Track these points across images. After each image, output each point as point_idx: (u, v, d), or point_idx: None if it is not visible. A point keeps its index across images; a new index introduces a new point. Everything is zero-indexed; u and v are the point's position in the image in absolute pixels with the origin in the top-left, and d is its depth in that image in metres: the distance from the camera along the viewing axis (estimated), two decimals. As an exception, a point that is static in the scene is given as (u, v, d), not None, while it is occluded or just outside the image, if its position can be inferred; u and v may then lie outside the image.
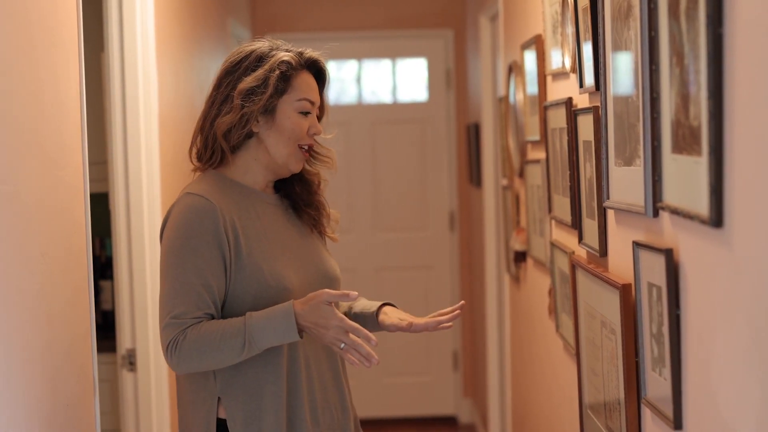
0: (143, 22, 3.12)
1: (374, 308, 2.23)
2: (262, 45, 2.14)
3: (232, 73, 2.11)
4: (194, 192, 2.06)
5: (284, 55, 2.12)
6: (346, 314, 2.23)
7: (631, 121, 1.73)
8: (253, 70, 2.09)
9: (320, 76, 2.20)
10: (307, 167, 2.23)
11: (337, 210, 2.32)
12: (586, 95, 2.22)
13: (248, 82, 2.08)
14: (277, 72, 2.09)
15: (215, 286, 2.02)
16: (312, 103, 2.14)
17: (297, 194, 2.22)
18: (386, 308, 2.23)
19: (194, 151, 2.16)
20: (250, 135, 2.11)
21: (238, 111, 2.07)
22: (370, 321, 2.23)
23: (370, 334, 1.99)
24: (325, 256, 2.21)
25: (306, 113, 2.13)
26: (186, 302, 2.00)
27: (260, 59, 2.11)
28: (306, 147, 2.15)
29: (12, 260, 1.84)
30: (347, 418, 2.19)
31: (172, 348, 1.99)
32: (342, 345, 1.97)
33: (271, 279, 2.05)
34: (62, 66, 2.17)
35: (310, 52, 2.18)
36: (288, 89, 2.11)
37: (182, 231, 2.02)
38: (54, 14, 2.13)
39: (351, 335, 1.97)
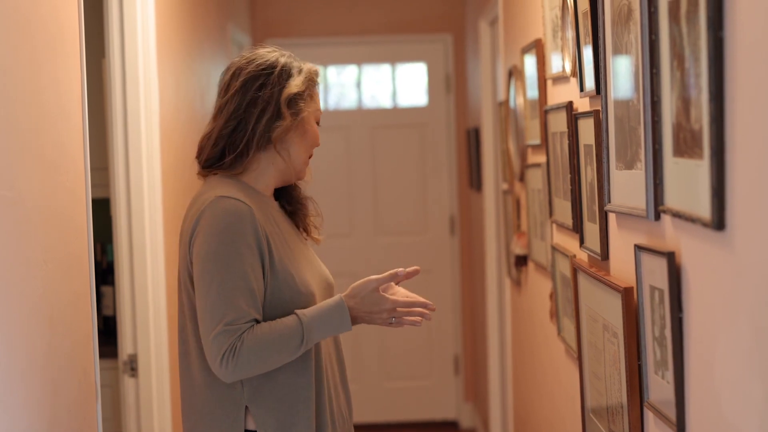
0: (144, 28, 3.12)
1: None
2: (281, 53, 2.16)
3: (266, 77, 2.10)
4: (227, 195, 2.03)
5: (312, 66, 2.18)
6: None
7: (632, 124, 1.74)
8: (290, 76, 2.12)
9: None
10: None
11: (331, 212, 2.35)
12: (587, 99, 2.23)
13: (294, 87, 2.10)
14: (312, 80, 2.15)
15: (258, 290, 2.01)
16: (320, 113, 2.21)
17: (294, 198, 2.24)
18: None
19: (212, 153, 2.12)
20: (279, 140, 2.12)
21: (291, 117, 2.09)
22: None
23: (423, 300, 2.09)
24: (319, 260, 2.24)
25: (317, 122, 2.19)
26: (236, 308, 1.96)
27: (290, 66, 2.14)
28: (311, 156, 2.20)
29: (13, 266, 1.84)
30: (351, 422, 2.22)
31: (228, 355, 1.95)
32: (392, 320, 2.07)
33: (301, 285, 2.06)
34: (63, 72, 2.18)
35: (317, 66, 2.23)
36: (314, 98, 2.17)
37: (223, 235, 1.99)
38: (55, 20, 2.14)
39: (399, 309, 2.07)
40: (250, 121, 2.08)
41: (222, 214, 2.00)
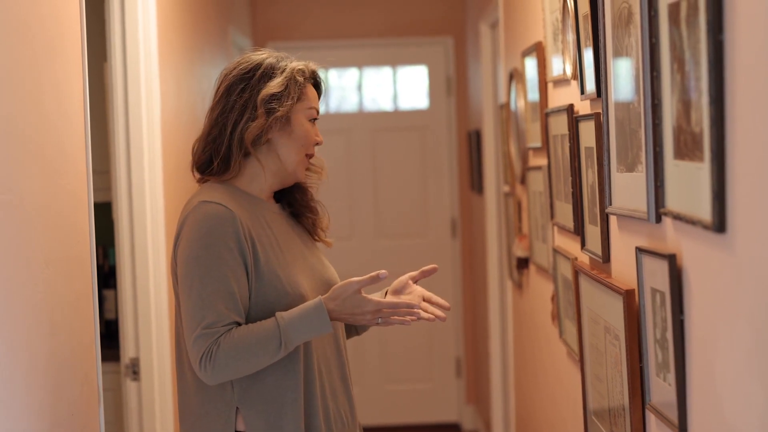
0: (146, 31, 3.12)
1: None
2: (270, 55, 2.16)
3: (247, 80, 2.11)
4: (210, 200, 2.05)
5: (298, 64, 2.15)
6: None
7: (632, 127, 1.74)
8: (270, 78, 2.11)
9: (318, 88, 2.23)
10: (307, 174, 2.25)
11: (332, 215, 2.35)
12: (588, 102, 2.23)
13: (272, 87, 2.09)
14: (294, 79, 2.12)
15: (240, 293, 2.01)
16: (317, 111, 2.18)
17: (298, 201, 2.24)
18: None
19: (201, 159, 2.15)
20: (261, 142, 2.12)
21: (265, 117, 2.08)
22: None
23: (411, 303, 2.06)
24: (325, 262, 2.24)
25: (313, 121, 2.17)
26: (215, 311, 1.98)
27: (273, 67, 2.12)
28: (309, 156, 2.18)
29: (15, 269, 1.84)
30: (356, 425, 2.21)
31: (206, 358, 1.97)
32: (378, 320, 2.05)
33: (288, 286, 2.06)
34: (65, 76, 2.18)
35: (314, 65, 2.21)
36: (302, 97, 2.14)
37: (204, 239, 2.01)
38: (57, 24, 2.14)
39: (384, 310, 2.04)
40: (229, 125, 2.10)
41: (203, 218, 2.02)
